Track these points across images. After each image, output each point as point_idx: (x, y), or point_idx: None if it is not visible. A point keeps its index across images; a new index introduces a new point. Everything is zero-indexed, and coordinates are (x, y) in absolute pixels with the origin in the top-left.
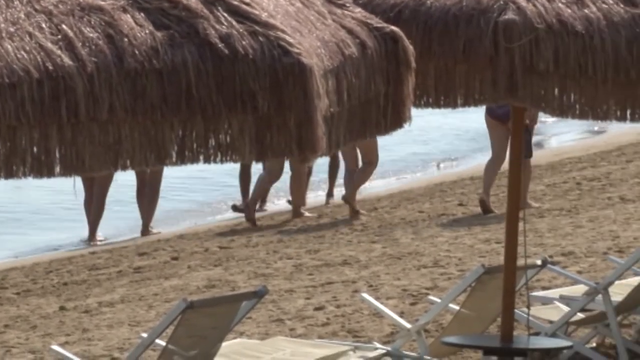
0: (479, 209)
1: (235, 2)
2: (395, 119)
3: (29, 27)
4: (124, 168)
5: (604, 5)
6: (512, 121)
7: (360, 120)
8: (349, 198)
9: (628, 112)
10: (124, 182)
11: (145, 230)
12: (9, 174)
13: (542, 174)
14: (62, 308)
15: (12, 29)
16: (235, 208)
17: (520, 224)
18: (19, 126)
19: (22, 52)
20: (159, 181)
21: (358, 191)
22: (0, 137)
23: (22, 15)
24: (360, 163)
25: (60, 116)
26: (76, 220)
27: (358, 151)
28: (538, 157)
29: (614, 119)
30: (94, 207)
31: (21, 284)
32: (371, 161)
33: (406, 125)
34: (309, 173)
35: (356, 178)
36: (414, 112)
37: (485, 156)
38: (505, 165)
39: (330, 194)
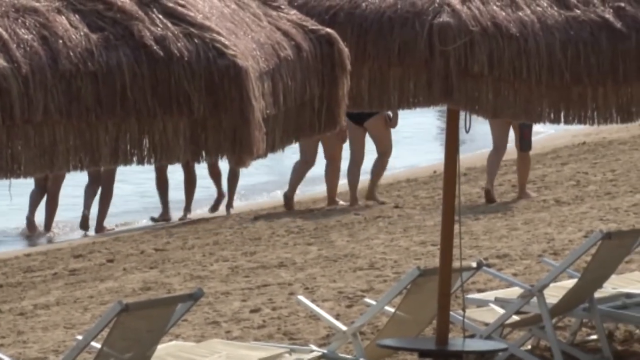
0: (414, 211)
1: (171, 4)
2: (330, 121)
3: None
4: (59, 170)
5: (538, 8)
6: (447, 123)
7: (295, 122)
8: (370, 194)
9: (562, 113)
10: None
11: (100, 228)
12: None
13: (477, 177)
14: None
15: None
16: (153, 219)
17: (456, 226)
18: None
19: None
20: (112, 179)
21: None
22: None
23: None
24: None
25: None
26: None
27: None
28: (473, 159)
29: (547, 121)
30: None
31: None
32: (385, 152)
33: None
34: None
35: (373, 169)
36: None
37: (420, 158)
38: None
39: (230, 205)
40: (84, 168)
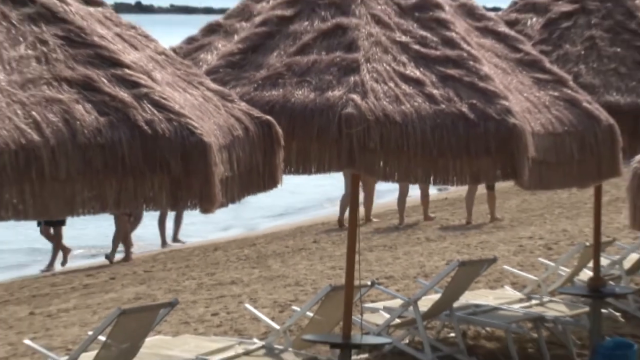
0: (329, 245)
1: (157, 97)
2: (271, 181)
3: (8, 113)
4: (78, 214)
5: (415, 103)
6: (351, 182)
7: (246, 181)
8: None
9: (431, 177)
10: None
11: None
12: (15, 217)
13: (371, 222)
14: (31, 313)
15: None
16: (107, 256)
17: (356, 256)
18: (3, 184)
19: (4, 131)
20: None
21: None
22: None
23: (4, 105)
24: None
25: (31, 177)
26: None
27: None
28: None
29: (421, 182)
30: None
31: (1, 296)
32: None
33: (279, 186)
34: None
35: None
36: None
37: (330, 209)
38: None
39: (175, 239)
40: (95, 213)
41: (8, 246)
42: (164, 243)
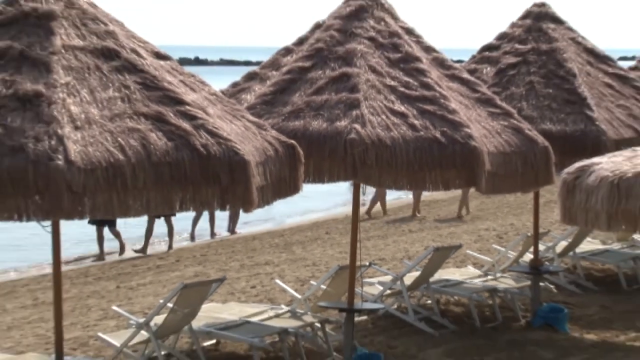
0: (337, 235)
1: (210, 127)
2: (294, 189)
3: (100, 139)
4: (151, 214)
5: (401, 131)
6: (354, 190)
7: (276, 189)
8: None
9: (414, 185)
10: None
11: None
12: (106, 215)
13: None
14: (117, 287)
15: (92, 141)
16: (138, 250)
17: (358, 244)
18: (96, 191)
19: (97, 152)
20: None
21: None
22: (89, 199)
23: (97, 133)
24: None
25: (117, 186)
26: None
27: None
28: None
29: (406, 190)
30: None
31: (96, 274)
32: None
33: (300, 192)
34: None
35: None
36: None
37: (338, 209)
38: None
39: (233, 231)
40: (166, 212)
41: (92, 237)
42: (212, 234)
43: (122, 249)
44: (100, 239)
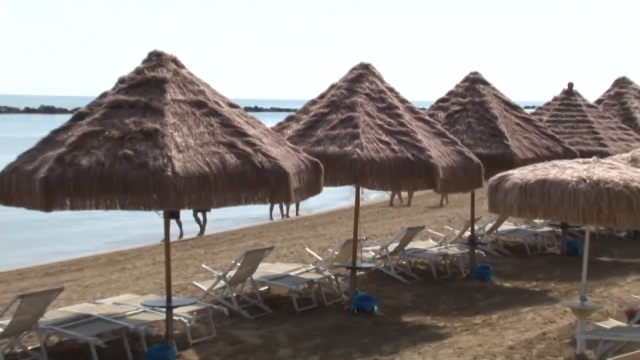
0: (345, 220)
1: (264, 150)
2: (318, 190)
3: (194, 158)
4: (226, 206)
5: (386, 153)
6: (355, 192)
7: (306, 190)
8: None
9: (394, 187)
10: None
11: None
12: (197, 207)
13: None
14: (205, 252)
15: (189, 159)
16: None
17: (358, 225)
18: (191, 191)
19: (192, 167)
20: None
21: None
22: (186, 196)
23: (192, 154)
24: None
25: (203, 188)
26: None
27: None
28: (367, 202)
29: (390, 191)
30: None
31: (191, 244)
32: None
33: (321, 192)
34: None
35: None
36: None
37: (342, 202)
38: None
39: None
40: (227, 205)
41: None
42: (270, 217)
43: (181, 233)
44: (199, 222)
